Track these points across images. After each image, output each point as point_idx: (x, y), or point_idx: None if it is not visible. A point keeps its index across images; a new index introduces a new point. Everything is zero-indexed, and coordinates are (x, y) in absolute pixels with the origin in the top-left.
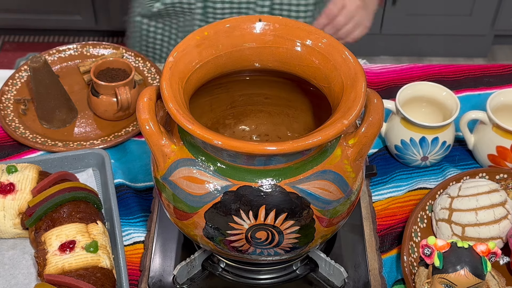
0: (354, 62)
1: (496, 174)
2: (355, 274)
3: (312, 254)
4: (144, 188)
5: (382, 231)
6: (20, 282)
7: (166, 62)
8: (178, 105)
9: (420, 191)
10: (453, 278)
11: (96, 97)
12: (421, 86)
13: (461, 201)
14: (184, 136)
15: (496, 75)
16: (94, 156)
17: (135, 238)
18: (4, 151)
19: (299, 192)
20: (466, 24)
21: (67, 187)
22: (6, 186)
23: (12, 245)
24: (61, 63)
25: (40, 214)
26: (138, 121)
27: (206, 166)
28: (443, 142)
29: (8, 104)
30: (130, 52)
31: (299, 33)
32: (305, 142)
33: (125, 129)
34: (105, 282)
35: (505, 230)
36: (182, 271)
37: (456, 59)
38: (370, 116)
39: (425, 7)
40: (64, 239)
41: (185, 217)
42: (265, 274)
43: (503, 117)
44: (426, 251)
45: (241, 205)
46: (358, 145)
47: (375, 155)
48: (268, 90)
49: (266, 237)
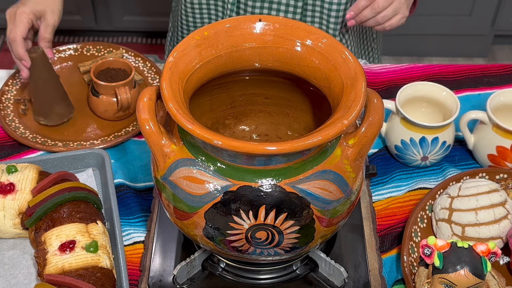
0: (354, 62)
1: (496, 174)
2: (355, 274)
3: (312, 254)
4: (144, 188)
5: (382, 231)
6: (20, 282)
7: (166, 62)
8: (178, 105)
9: (420, 191)
10: (453, 278)
11: (96, 97)
12: (421, 86)
13: (461, 201)
14: (184, 136)
15: (496, 75)
16: (94, 156)
17: (135, 238)
18: (4, 151)
19: (299, 192)
20: (466, 24)
21: (67, 187)
22: (6, 186)
23: (12, 245)
24: (61, 63)
25: (40, 214)
26: (138, 121)
27: (206, 166)
28: (443, 142)
29: (8, 104)
30: (130, 52)
31: (299, 33)
32: (305, 142)
33: (125, 129)
34: (105, 282)
35: (505, 230)
36: (182, 271)
37: (456, 59)
38: (370, 116)
39: (425, 7)
40: (64, 239)
41: (185, 217)
42: (265, 274)
43: (503, 117)
44: (426, 251)
45: (241, 205)
46: (358, 145)
47: (375, 155)
48: (268, 90)
49: (266, 237)
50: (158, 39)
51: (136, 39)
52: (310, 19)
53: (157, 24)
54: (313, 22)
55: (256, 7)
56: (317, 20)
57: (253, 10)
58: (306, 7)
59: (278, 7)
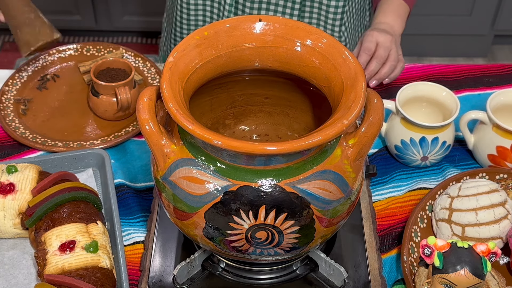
0: (354, 62)
1: (496, 174)
2: (355, 274)
3: (312, 254)
4: (144, 188)
5: (382, 231)
6: (20, 282)
7: (166, 62)
8: (178, 105)
9: (420, 191)
10: (453, 278)
11: (96, 97)
12: (421, 86)
13: (461, 201)
14: (184, 136)
15: (496, 75)
16: (94, 156)
17: (135, 238)
18: (4, 151)
19: (299, 192)
20: (466, 24)
21: (67, 187)
22: (6, 186)
23: (12, 245)
24: (61, 63)
25: (40, 214)
26: (138, 121)
27: (206, 166)
28: (443, 142)
29: (8, 104)
30: (130, 52)
31: (299, 33)
32: (305, 142)
33: (125, 129)
34: (105, 282)
35: (505, 230)
36: (182, 271)
37: (456, 59)
38: (370, 116)
39: (425, 7)
40: (64, 239)
41: (185, 217)
42: (265, 274)
43: (503, 117)
44: (426, 251)
45: (241, 205)
46: (358, 145)
47: (375, 155)
48: (268, 90)
49: (266, 237)
50: (158, 39)
51: (136, 39)
52: (307, 20)
53: (157, 24)
54: (311, 23)
55: (254, 8)
56: (315, 21)
57: (251, 11)
58: (304, 8)
59: (276, 8)
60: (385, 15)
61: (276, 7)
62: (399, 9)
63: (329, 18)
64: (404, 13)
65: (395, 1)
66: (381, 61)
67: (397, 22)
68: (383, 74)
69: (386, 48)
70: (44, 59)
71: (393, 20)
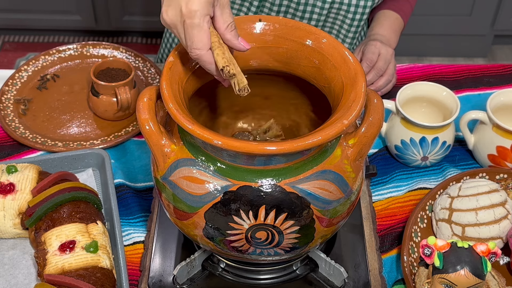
0: (354, 62)
1: (496, 174)
2: (355, 274)
3: (312, 254)
4: (144, 188)
5: (382, 231)
6: (20, 282)
7: (166, 62)
8: (178, 105)
9: (420, 191)
10: (453, 278)
11: (96, 97)
12: (421, 86)
13: (461, 201)
14: (184, 136)
15: (496, 75)
16: (94, 156)
17: (135, 238)
18: (4, 151)
19: (299, 192)
20: (466, 24)
21: (67, 187)
22: (6, 186)
23: (12, 245)
24: (61, 63)
25: (40, 214)
26: (138, 121)
27: (206, 166)
28: (443, 142)
29: (8, 104)
30: (130, 52)
31: (299, 33)
32: (305, 142)
33: (125, 129)
34: (105, 282)
35: (505, 230)
36: (182, 271)
37: (456, 59)
38: (370, 116)
39: (425, 7)
40: (64, 239)
41: (185, 217)
42: (265, 274)
43: (503, 117)
44: (426, 251)
45: (241, 205)
46: (358, 145)
47: (375, 155)
48: (268, 90)
49: (266, 237)
50: (158, 39)
51: (136, 39)
52: (306, 22)
53: (157, 24)
54: (331, 33)
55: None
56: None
57: (248, 12)
58: (298, 7)
59: (279, 9)
60: (382, 28)
61: (302, 20)
62: (395, 23)
63: (350, 31)
64: (399, 28)
65: (392, 15)
66: (379, 73)
67: (392, 36)
68: (378, 87)
69: (386, 61)
70: (44, 59)
71: (389, 34)
